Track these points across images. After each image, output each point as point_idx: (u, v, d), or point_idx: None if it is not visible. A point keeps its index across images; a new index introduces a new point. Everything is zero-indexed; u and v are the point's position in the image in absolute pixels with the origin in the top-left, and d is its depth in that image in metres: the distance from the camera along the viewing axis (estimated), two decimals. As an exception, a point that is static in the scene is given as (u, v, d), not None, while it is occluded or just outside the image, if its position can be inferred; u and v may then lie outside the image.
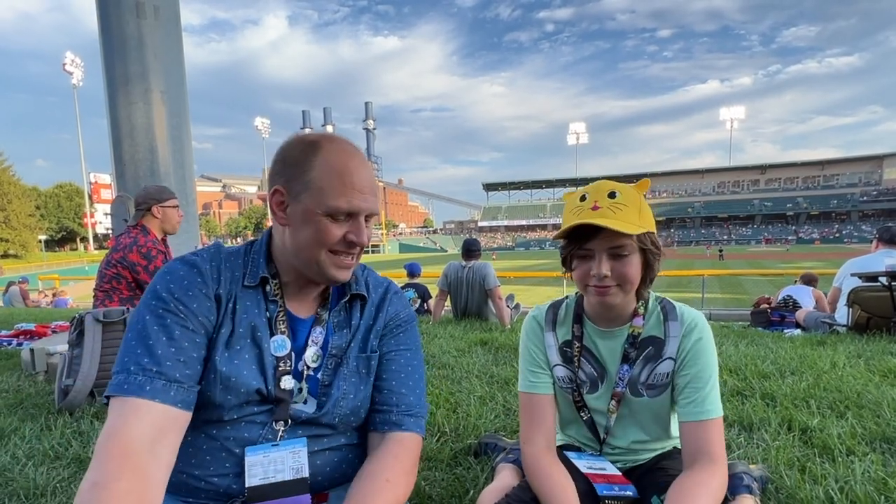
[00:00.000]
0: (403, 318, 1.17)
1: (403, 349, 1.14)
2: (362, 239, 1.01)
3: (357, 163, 1.00)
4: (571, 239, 1.20)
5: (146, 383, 0.88)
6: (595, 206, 1.15)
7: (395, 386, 1.10)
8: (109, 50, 4.35)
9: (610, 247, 1.16)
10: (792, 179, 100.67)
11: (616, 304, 1.22)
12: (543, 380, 1.34)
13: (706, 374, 1.20)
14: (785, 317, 5.62)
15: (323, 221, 0.97)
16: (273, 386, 1.00)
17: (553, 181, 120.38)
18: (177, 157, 4.63)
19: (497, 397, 2.51)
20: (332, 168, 0.97)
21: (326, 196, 0.96)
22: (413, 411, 1.09)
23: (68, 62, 65.83)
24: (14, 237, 55.68)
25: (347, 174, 0.98)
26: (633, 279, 1.18)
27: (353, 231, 0.99)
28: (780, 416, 2.10)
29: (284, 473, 0.98)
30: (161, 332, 0.93)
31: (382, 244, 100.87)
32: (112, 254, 2.90)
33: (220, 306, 1.00)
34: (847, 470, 1.59)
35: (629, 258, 1.17)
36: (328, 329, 1.09)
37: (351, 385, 1.07)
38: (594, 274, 1.17)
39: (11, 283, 13.04)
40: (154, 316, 0.94)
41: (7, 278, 18.35)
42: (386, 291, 1.18)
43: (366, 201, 0.99)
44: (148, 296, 0.97)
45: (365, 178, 1.00)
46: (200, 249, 1.06)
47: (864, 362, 3.05)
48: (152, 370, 0.90)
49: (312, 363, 1.05)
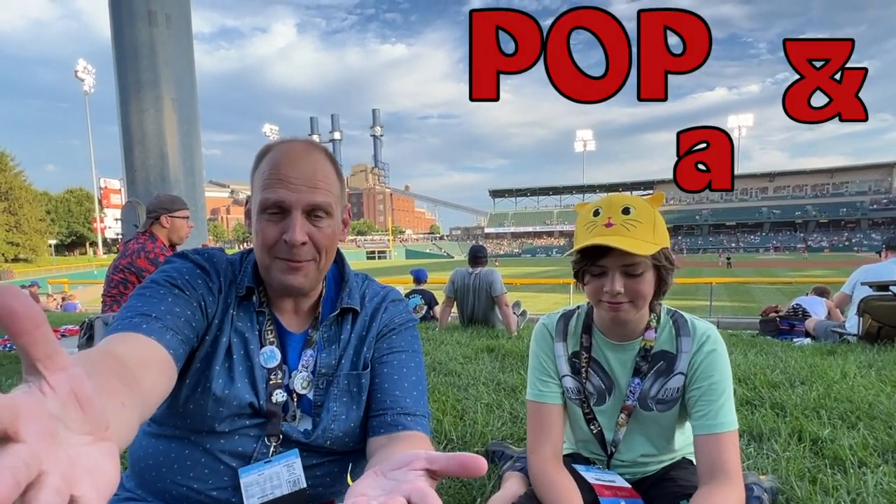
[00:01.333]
0: (398, 322, 1.09)
1: (397, 351, 1.05)
2: (294, 236, 0.90)
3: (295, 156, 0.93)
4: (584, 255, 1.19)
5: (142, 322, 0.83)
6: (609, 223, 1.14)
7: (389, 388, 1.01)
8: (122, 57, 4.41)
9: (623, 265, 1.14)
10: (801, 187, 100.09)
11: (629, 319, 1.21)
12: (552, 389, 1.33)
13: (720, 386, 1.18)
14: (794, 325, 5.56)
15: (260, 220, 0.93)
16: (265, 400, 0.96)
17: (560, 188, 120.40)
18: (187, 163, 4.67)
19: (504, 405, 2.50)
20: (268, 164, 0.93)
21: (260, 192, 0.93)
22: (410, 411, 0.99)
23: (80, 69, 66.80)
24: (25, 241, 56.24)
25: (280, 167, 0.92)
26: (646, 296, 1.17)
27: (285, 228, 0.91)
28: (790, 427, 2.08)
29: (282, 488, 0.95)
30: (165, 293, 0.90)
31: (389, 250, 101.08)
32: (120, 259, 2.92)
33: (217, 307, 0.97)
34: (859, 482, 1.57)
35: (643, 276, 1.15)
36: (318, 347, 1.03)
37: (342, 405, 1.01)
38: (607, 291, 1.16)
39: (21, 287, 13.15)
40: (155, 285, 0.92)
41: (17, 282, 18.53)
42: (382, 300, 1.10)
43: (295, 191, 0.91)
44: (149, 278, 0.96)
45: (298, 169, 0.92)
46: (202, 249, 1.03)
47: (876, 372, 3.02)
48: (151, 315, 0.85)
49: (302, 389, 1.00)
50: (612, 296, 1.15)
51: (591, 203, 1.22)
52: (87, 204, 71.30)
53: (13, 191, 55.62)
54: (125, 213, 4.42)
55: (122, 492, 1.01)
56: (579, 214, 1.24)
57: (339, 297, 1.07)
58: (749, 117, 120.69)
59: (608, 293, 1.16)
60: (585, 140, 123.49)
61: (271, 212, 0.92)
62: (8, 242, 54.08)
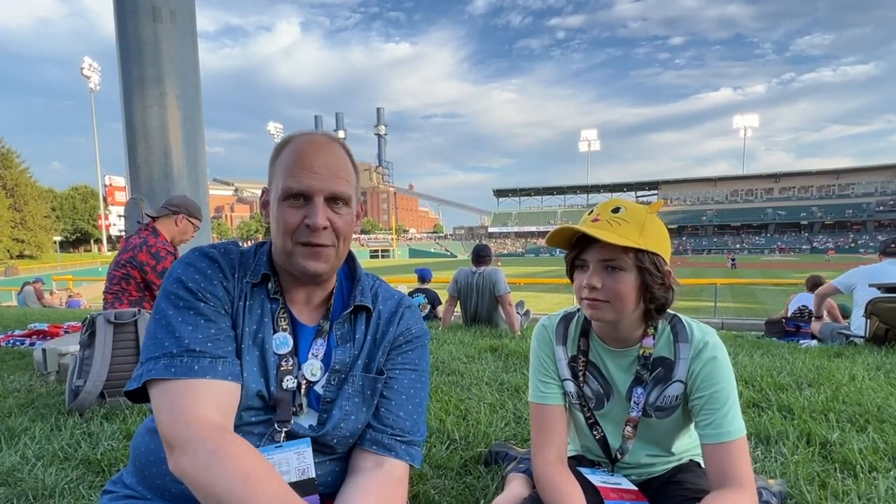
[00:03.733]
0: (415, 334, 1.11)
1: (409, 368, 1.08)
2: (316, 220, 0.95)
3: (317, 147, 0.99)
4: (572, 249, 1.20)
5: (193, 364, 0.89)
6: (595, 219, 1.15)
7: (394, 406, 1.04)
8: (126, 54, 4.40)
9: (602, 259, 1.13)
10: (806, 188, 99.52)
11: (607, 321, 1.17)
12: (553, 390, 1.31)
13: (723, 394, 1.15)
14: (800, 327, 5.52)
15: (282, 207, 0.97)
16: (275, 387, 0.98)
17: (564, 188, 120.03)
18: (191, 160, 4.66)
19: (507, 405, 2.48)
20: (290, 153, 0.99)
21: (281, 180, 0.97)
22: (406, 437, 1.03)
23: (86, 66, 67.07)
24: (30, 238, 56.47)
25: (302, 156, 0.97)
26: (624, 297, 1.13)
27: (308, 214, 0.96)
28: (798, 430, 2.05)
29: (290, 475, 0.95)
30: (194, 316, 0.94)
31: (392, 249, 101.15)
32: (121, 254, 2.91)
33: (232, 301, 1.00)
34: (870, 487, 1.54)
35: (622, 274, 1.12)
36: (330, 342, 1.05)
37: (354, 406, 1.02)
38: (584, 285, 1.15)
39: (26, 283, 13.22)
40: (181, 306, 0.94)
41: (22, 278, 18.61)
42: (398, 305, 1.13)
43: (319, 180, 0.96)
44: (173, 286, 0.96)
45: (321, 159, 0.98)
46: (218, 243, 1.05)
47: (884, 375, 2.98)
48: (195, 350, 0.90)
49: (312, 377, 1.02)
50: (588, 290, 1.14)
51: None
52: (92, 201, 71.63)
53: (19, 188, 55.85)
54: (128, 210, 4.42)
55: (123, 488, 1.01)
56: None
57: (351, 294, 1.09)
58: (754, 118, 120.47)
59: (585, 287, 1.15)
60: (590, 140, 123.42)
61: (294, 199, 0.96)
62: (13, 239, 54.31)
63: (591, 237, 1.11)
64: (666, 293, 1.16)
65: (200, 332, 0.92)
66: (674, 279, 1.17)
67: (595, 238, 1.10)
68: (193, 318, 0.93)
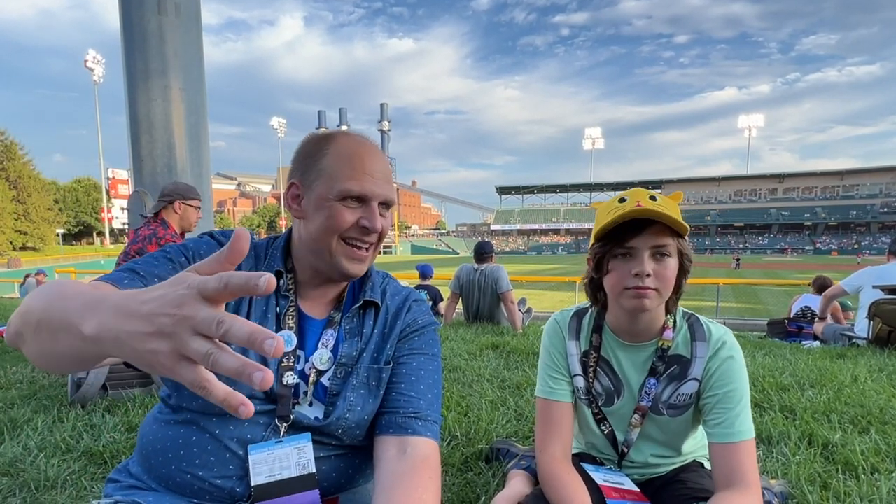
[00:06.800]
0: (421, 324, 1.12)
1: (417, 353, 1.08)
2: (376, 224, 0.97)
3: (369, 149, 1.00)
4: (609, 239, 1.15)
5: (126, 278, 0.87)
6: (639, 205, 1.09)
7: (405, 389, 1.04)
8: (130, 46, 4.40)
9: (654, 245, 1.10)
10: (810, 189, 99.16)
11: (651, 309, 1.15)
12: (563, 386, 1.30)
13: (737, 394, 1.15)
14: (802, 328, 5.50)
15: (335, 206, 0.96)
16: (275, 381, 0.97)
17: (567, 186, 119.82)
18: (194, 153, 4.66)
19: (509, 402, 2.48)
20: (344, 153, 0.98)
21: (338, 180, 0.96)
22: (421, 414, 1.01)
23: (90, 59, 67.05)
24: (33, 230, 56.66)
25: (359, 158, 0.98)
26: (670, 284, 1.13)
27: (366, 216, 0.97)
28: (800, 430, 2.05)
29: (290, 470, 0.95)
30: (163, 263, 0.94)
31: (395, 245, 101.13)
32: (130, 245, 2.91)
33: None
34: (872, 488, 1.54)
35: (669, 261, 1.12)
36: (339, 334, 1.05)
37: (359, 397, 1.02)
38: (636, 273, 1.10)
39: (28, 275, 13.27)
40: (169, 261, 0.95)
41: (25, 270, 18.66)
42: (406, 300, 1.13)
43: (378, 186, 0.98)
44: (174, 249, 0.98)
45: (378, 164, 0.99)
46: (227, 230, 1.04)
47: (887, 377, 2.98)
48: (139, 273, 0.89)
49: (321, 366, 1.02)
50: (641, 278, 1.10)
51: (616, 195, 1.19)
52: (95, 194, 71.82)
53: (22, 180, 56.03)
54: (132, 203, 4.42)
55: (128, 478, 1.01)
56: (600, 208, 1.21)
57: (362, 289, 1.10)
58: (759, 117, 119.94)
59: (637, 276, 1.10)
60: (594, 138, 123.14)
61: (352, 200, 0.97)
62: (16, 231, 54.50)
63: (641, 223, 1.09)
64: (685, 279, 1.17)
65: (159, 272, 0.92)
66: None
67: (645, 225, 1.08)
68: (160, 263, 0.94)
